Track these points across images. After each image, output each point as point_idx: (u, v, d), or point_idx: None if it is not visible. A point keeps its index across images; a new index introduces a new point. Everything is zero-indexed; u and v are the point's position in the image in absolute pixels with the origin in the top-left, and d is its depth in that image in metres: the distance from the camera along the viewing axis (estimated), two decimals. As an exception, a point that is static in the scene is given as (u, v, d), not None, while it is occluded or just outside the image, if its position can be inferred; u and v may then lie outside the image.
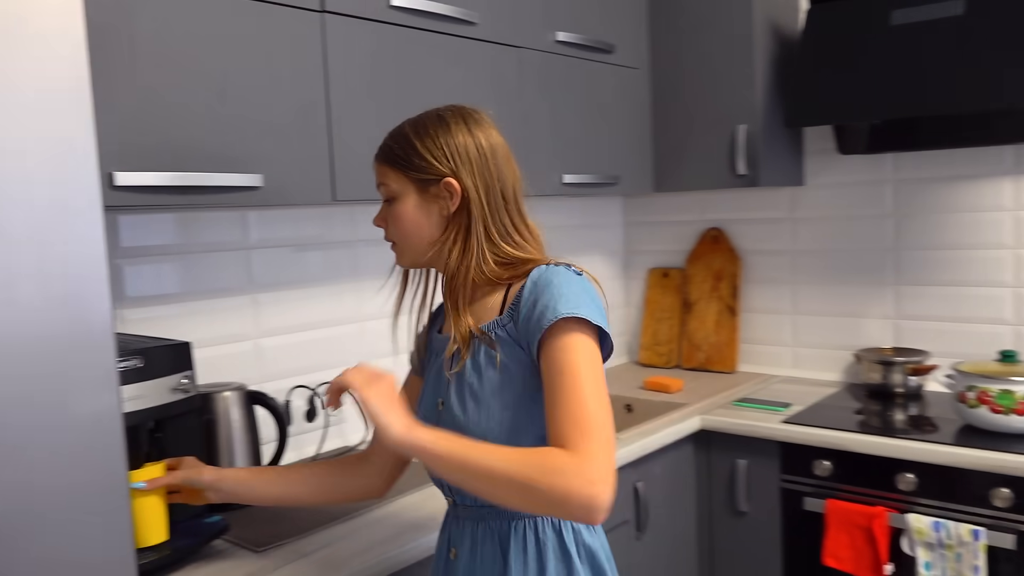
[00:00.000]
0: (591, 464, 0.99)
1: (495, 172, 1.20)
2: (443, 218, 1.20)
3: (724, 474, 2.18)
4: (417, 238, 1.22)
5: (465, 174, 1.18)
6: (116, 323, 1.61)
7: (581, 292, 1.12)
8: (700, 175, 2.46)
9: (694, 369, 2.73)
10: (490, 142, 1.22)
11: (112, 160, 1.31)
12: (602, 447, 1.01)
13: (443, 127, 1.20)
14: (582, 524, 1.19)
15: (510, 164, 1.24)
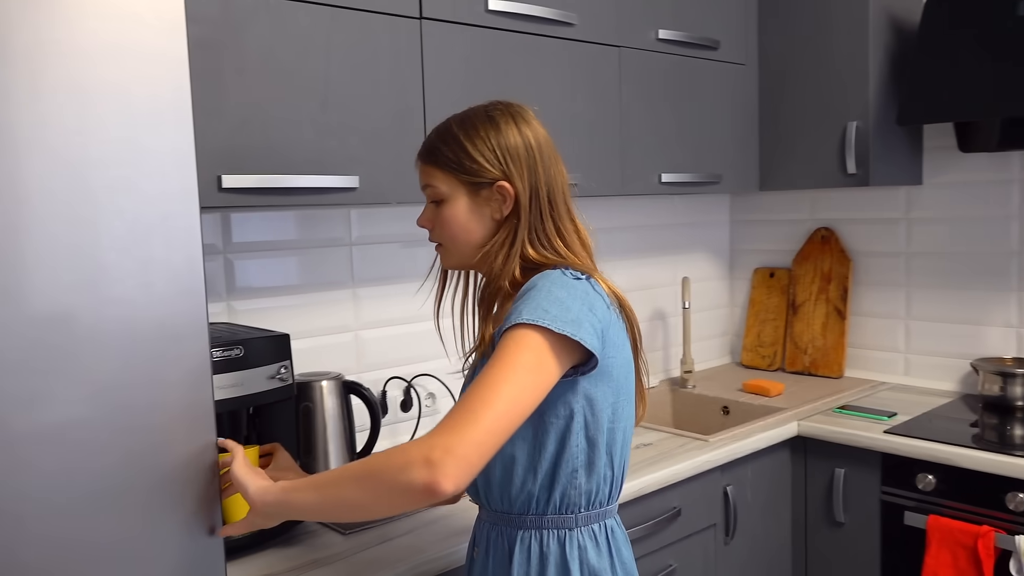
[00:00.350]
0: (442, 436, 0.96)
1: (543, 173, 1.18)
2: (495, 221, 1.18)
3: (821, 483, 2.12)
4: (466, 242, 1.20)
5: (517, 176, 1.16)
6: (224, 313, 1.74)
7: (564, 298, 1.07)
8: (808, 173, 2.38)
9: (798, 373, 2.66)
10: (538, 141, 1.19)
11: (220, 164, 1.41)
12: (473, 428, 0.96)
13: (493, 126, 1.17)
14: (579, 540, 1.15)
15: (557, 163, 1.21)
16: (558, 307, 1.05)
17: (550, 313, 1.04)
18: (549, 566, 1.14)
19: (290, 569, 1.35)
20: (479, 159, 1.16)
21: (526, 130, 1.18)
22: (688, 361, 2.54)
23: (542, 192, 1.18)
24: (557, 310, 1.05)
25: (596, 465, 1.15)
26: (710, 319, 2.87)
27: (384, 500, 1.00)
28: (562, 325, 1.04)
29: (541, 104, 1.87)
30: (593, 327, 1.07)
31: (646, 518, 1.77)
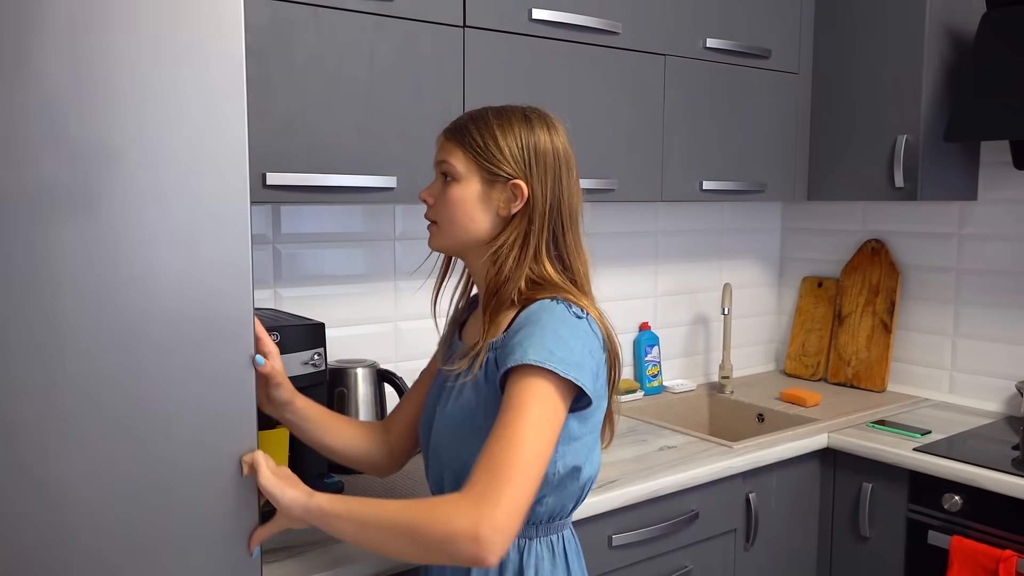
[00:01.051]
0: (486, 507, 0.98)
1: (566, 185, 1.19)
2: (499, 217, 1.18)
3: (849, 496, 2.12)
4: (463, 227, 1.19)
5: (537, 181, 1.16)
6: (271, 300, 1.85)
7: (568, 338, 1.09)
8: (856, 185, 2.37)
9: (840, 384, 2.65)
10: (567, 154, 1.21)
11: (265, 162, 1.52)
12: (510, 494, 0.99)
13: (527, 127, 1.18)
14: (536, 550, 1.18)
15: (577, 181, 1.23)
16: (563, 349, 1.07)
17: (555, 355, 1.06)
18: (507, 573, 1.17)
19: (312, 543, 1.45)
20: (505, 151, 1.16)
21: (557, 140, 1.20)
22: (727, 367, 2.56)
23: (564, 205, 1.19)
24: (562, 352, 1.07)
25: (567, 489, 1.18)
26: (756, 325, 2.87)
27: (427, 558, 1.07)
28: (566, 368, 1.06)
29: (582, 109, 1.94)
30: (591, 370, 1.10)
31: (662, 519, 1.81)
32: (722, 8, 2.18)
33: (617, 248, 2.49)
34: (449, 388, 1.23)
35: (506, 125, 1.18)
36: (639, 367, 2.53)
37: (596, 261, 2.38)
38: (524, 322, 1.13)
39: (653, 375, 2.53)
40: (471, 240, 1.21)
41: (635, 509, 1.76)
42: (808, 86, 2.44)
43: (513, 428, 1.03)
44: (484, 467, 1.02)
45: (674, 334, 2.66)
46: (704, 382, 2.73)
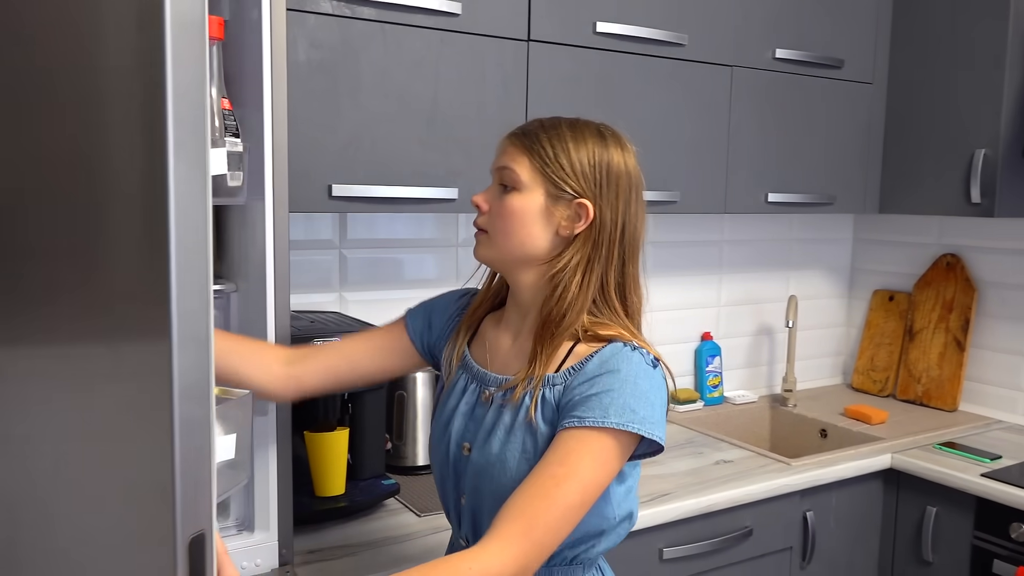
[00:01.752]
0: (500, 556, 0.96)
1: (635, 211, 1.11)
2: (558, 237, 1.09)
3: (912, 519, 2.07)
4: (519, 242, 1.10)
5: (607, 203, 1.08)
6: (336, 303, 1.92)
7: (648, 392, 1.04)
8: (931, 199, 2.30)
9: (909, 401, 2.58)
10: (638, 178, 1.12)
11: (331, 174, 1.58)
12: (536, 552, 0.98)
13: (602, 143, 1.10)
14: None
15: (643, 207, 1.15)
16: (645, 407, 1.03)
17: (638, 415, 1.02)
18: None
19: (365, 543, 1.50)
20: (576, 166, 1.08)
21: (630, 161, 1.12)
22: (790, 379, 2.53)
23: (630, 232, 1.11)
24: (645, 410, 1.03)
25: (614, 532, 1.15)
26: (823, 338, 2.82)
27: None
28: (651, 429, 1.03)
29: (645, 121, 1.94)
30: (664, 421, 1.06)
31: (715, 534, 1.81)
32: (793, 18, 2.15)
33: (680, 257, 2.48)
34: (489, 423, 1.13)
35: (579, 138, 1.09)
36: (700, 377, 2.51)
37: (658, 269, 2.40)
38: (599, 370, 1.05)
39: (714, 385, 2.51)
40: (524, 257, 1.10)
41: (687, 523, 1.77)
42: (883, 97, 2.38)
43: (562, 486, 0.99)
44: (519, 517, 0.98)
45: (737, 345, 2.63)
46: (767, 394, 2.69)
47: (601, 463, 1.01)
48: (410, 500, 1.69)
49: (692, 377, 2.54)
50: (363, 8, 1.57)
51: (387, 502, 1.68)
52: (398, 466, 1.84)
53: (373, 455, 1.69)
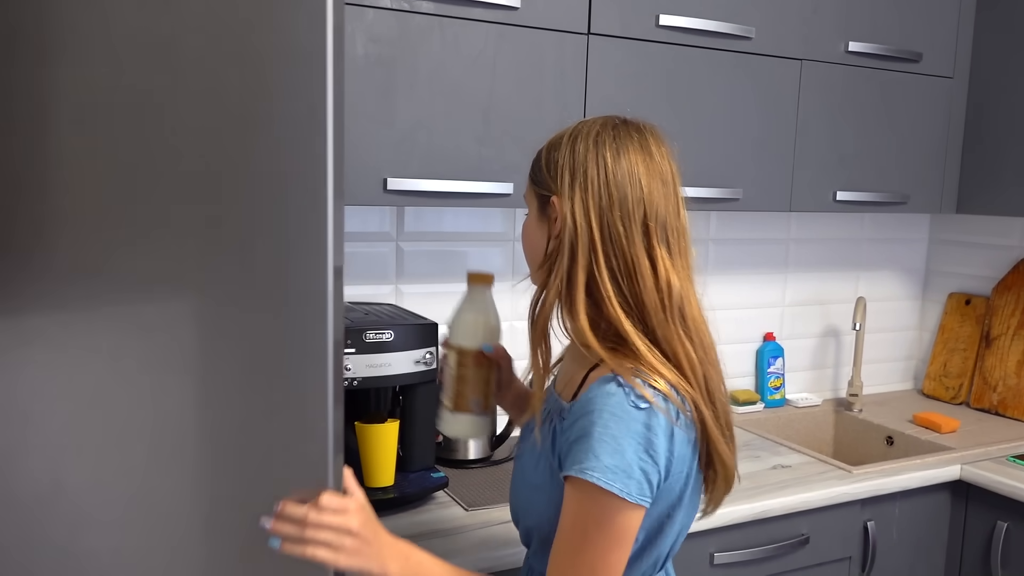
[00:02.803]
0: None
1: (617, 201, 1.00)
2: (550, 242, 1.05)
3: (981, 534, 1.98)
4: (530, 255, 1.12)
5: (576, 198, 1.01)
6: (392, 296, 1.93)
7: (619, 436, 0.95)
8: (1012, 199, 2.20)
9: (983, 410, 2.47)
10: (622, 164, 1.01)
11: (387, 167, 1.59)
12: None
13: (571, 141, 1.04)
14: None
15: (650, 193, 1.01)
16: (610, 453, 0.95)
17: (601, 462, 0.95)
18: None
19: (413, 536, 1.51)
20: (544, 169, 1.06)
21: (610, 148, 1.02)
22: (856, 383, 2.45)
23: (616, 224, 1.00)
24: (610, 458, 0.95)
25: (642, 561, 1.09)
26: (894, 341, 2.72)
27: None
28: (611, 479, 0.95)
29: (707, 116, 1.90)
30: (640, 472, 0.96)
31: (769, 540, 1.76)
32: (868, 8, 2.07)
33: (744, 254, 2.42)
34: (528, 431, 1.16)
35: (554, 143, 1.07)
36: (761, 378, 2.45)
37: (720, 267, 2.35)
38: (583, 407, 1.00)
39: (775, 387, 2.45)
40: (535, 268, 1.11)
41: (740, 528, 1.73)
42: (963, 91, 2.27)
43: (581, 554, 0.98)
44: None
45: (801, 346, 2.56)
46: (831, 398, 2.61)
47: (604, 523, 0.97)
48: (459, 494, 1.69)
49: (753, 378, 2.48)
50: (422, 2, 1.57)
51: (436, 495, 1.69)
52: (448, 459, 1.85)
53: (423, 447, 1.71)
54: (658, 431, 0.97)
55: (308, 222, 1.21)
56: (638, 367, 0.99)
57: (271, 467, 1.08)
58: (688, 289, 1.05)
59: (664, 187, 1.04)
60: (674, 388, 1.00)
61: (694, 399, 1.02)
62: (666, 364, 1.01)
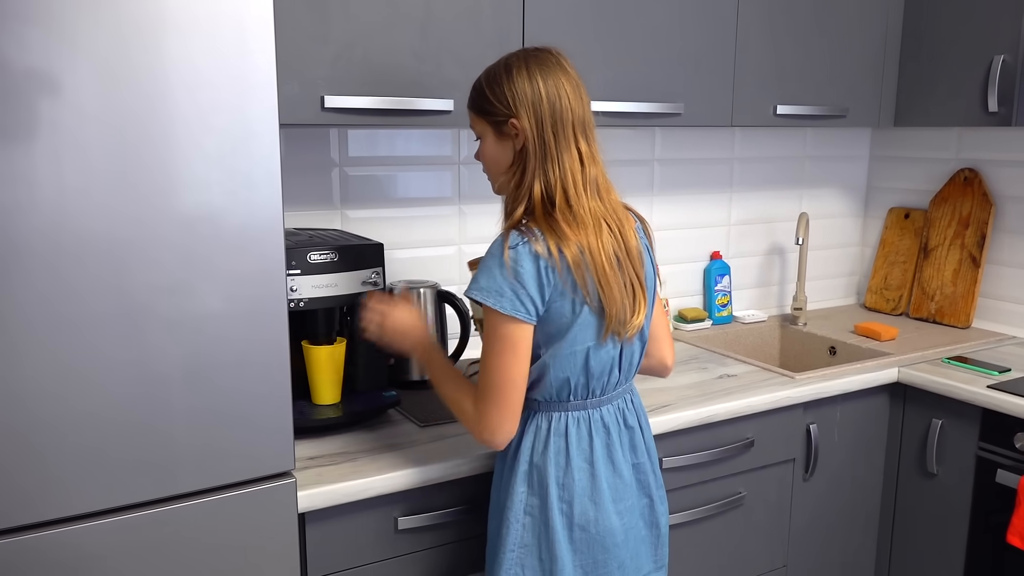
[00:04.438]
0: (481, 420, 1.32)
1: (548, 110, 1.30)
2: (514, 153, 1.34)
3: (917, 432, 2.07)
4: (496, 172, 1.39)
5: (523, 114, 1.30)
6: (338, 221, 1.92)
7: (492, 267, 1.28)
8: (947, 110, 2.24)
9: (921, 319, 2.55)
10: (547, 83, 1.31)
11: (324, 86, 1.56)
12: (491, 406, 1.30)
13: (507, 73, 1.33)
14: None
15: (569, 100, 1.31)
16: (486, 277, 1.28)
17: (478, 284, 1.29)
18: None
19: (364, 450, 1.53)
20: (494, 101, 1.34)
21: (536, 74, 1.32)
22: (800, 298, 2.51)
23: (546, 129, 1.30)
24: (485, 280, 1.28)
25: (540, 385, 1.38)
26: (837, 257, 2.78)
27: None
28: (483, 295, 1.28)
29: (645, 28, 1.90)
30: (512, 292, 1.27)
31: (715, 444, 1.82)
32: (805, -80, 2.07)
33: (689, 175, 2.44)
34: None
35: (491, 79, 1.35)
36: (709, 296, 2.50)
37: (666, 188, 2.37)
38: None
39: (722, 305, 2.50)
40: (502, 177, 1.38)
41: (688, 433, 1.78)
42: (900, 2, 2.30)
43: (483, 359, 1.32)
44: (478, 391, 1.33)
45: (747, 264, 2.61)
46: (778, 314, 2.68)
47: (490, 330, 1.30)
48: (412, 412, 1.71)
49: (701, 297, 2.53)
50: (351, -88, 1.53)
51: (389, 413, 1.71)
52: (401, 380, 1.86)
53: (374, 368, 1.72)
54: (523, 264, 1.27)
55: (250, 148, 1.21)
56: (521, 230, 1.29)
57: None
58: (599, 162, 1.36)
59: (578, 95, 1.34)
60: (547, 243, 1.28)
61: (570, 252, 1.28)
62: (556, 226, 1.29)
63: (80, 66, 1.07)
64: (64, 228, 1.10)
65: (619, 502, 1.39)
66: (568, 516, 1.35)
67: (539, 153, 1.30)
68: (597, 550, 1.37)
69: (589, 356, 1.35)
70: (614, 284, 1.32)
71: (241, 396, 1.25)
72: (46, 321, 1.10)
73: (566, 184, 1.30)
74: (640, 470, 1.44)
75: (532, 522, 1.36)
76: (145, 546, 1.22)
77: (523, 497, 1.36)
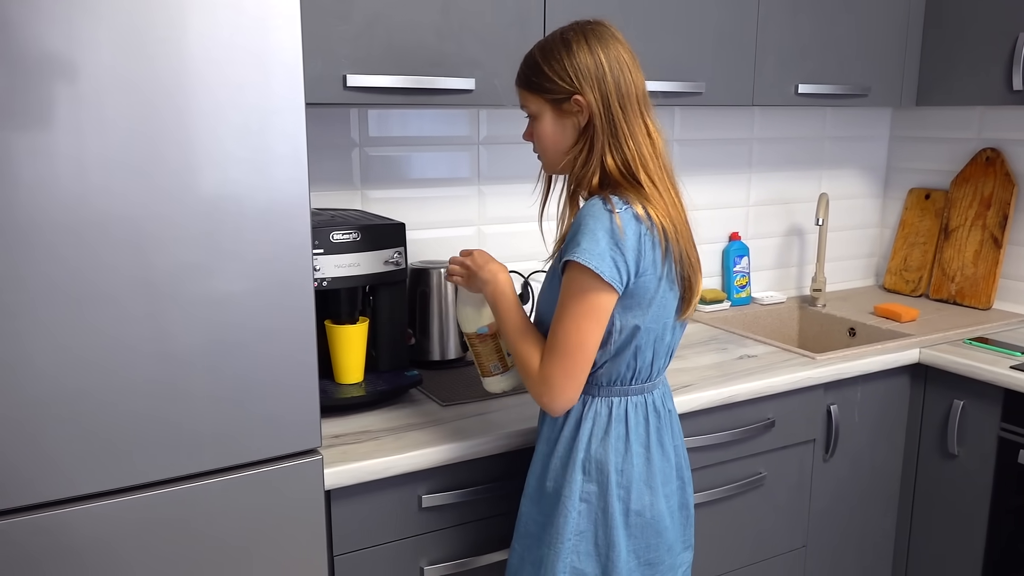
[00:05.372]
0: (546, 382, 1.28)
1: (613, 85, 1.28)
2: (577, 130, 1.31)
3: (938, 413, 2.06)
4: (555, 151, 1.35)
5: (588, 89, 1.27)
6: (358, 201, 1.92)
7: (596, 230, 1.23)
8: (970, 89, 2.22)
9: (941, 300, 2.54)
10: (609, 56, 1.28)
11: (346, 64, 1.56)
12: (558, 369, 1.27)
13: (566, 48, 1.29)
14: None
15: (631, 73, 1.29)
16: (589, 241, 1.23)
17: (581, 247, 1.23)
18: (569, 418, 1.38)
19: (388, 429, 1.54)
20: (554, 78, 1.30)
21: (597, 47, 1.28)
22: (819, 280, 2.50)
23: (613, 103, 1.28)
24: (588, 243, 1.23)
25: (621, 357, 1.34)
26: (856, 239, 2.77)
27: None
28: (588, 258, 1.23)
29: (668, 7, 1.88)
30: (612, 257, 1.23)
31: (736, 424, 1.82)
32: None
33: (708, 155, 2.43)
34: (547, 273, 1.41)
35: (548, 54, 1.31)
36: (727, 277, 2.49)
37: (685, 168, 2.35)
38: (575, 223, 1.28)
39: (741, 286, 2.49)
40: (563, 156, 1.35)
41: (708, 414, 1.78)
42: (923, -20, 2.27)
43: (560, 321, 1.28)
44: (545, 351, 1.30)
45: (766, 245, 2.60)
46: (796, 295, 2.67)
47: (577, 292, 1.25)
48: (433, 391, 1.72)
49: (719, 278, 2.52)
50: None
51: (411, 392, 1.71)
52: (422, 360, 1.87)
53: (396, 348, 1.72)
54: (627, 230, 1.23)
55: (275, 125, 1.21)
56: (618, 194, 1.26)
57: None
58: (663, 137, 1.34)
59: (637, 67, 1.32)
60: (645, 209, 1.26)
61: (662, 222, 1.27)
62: (645, 196, 1.27)
63: (103, 41, 1.07)
64: (88, 205, 1.10)
65: (666, 485, 1.38)
66: (625, 502, 1.34)
67: (608, 129, 1.27)
68: (650, 534, 1.36)
69: (660, 336, 1.34)
70: (695, 260, 1.33)
71: (269, 373, 1.26)
72: (69, 298, 1.11)
73: (643, 157, 1.28)
74: (677, 452, 1.44)
75: (588, 509, 1.34)
76: (175, 522, 1.23)
77: (580, 484, 1.33)
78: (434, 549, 1.52)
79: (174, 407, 1.19)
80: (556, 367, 1.27)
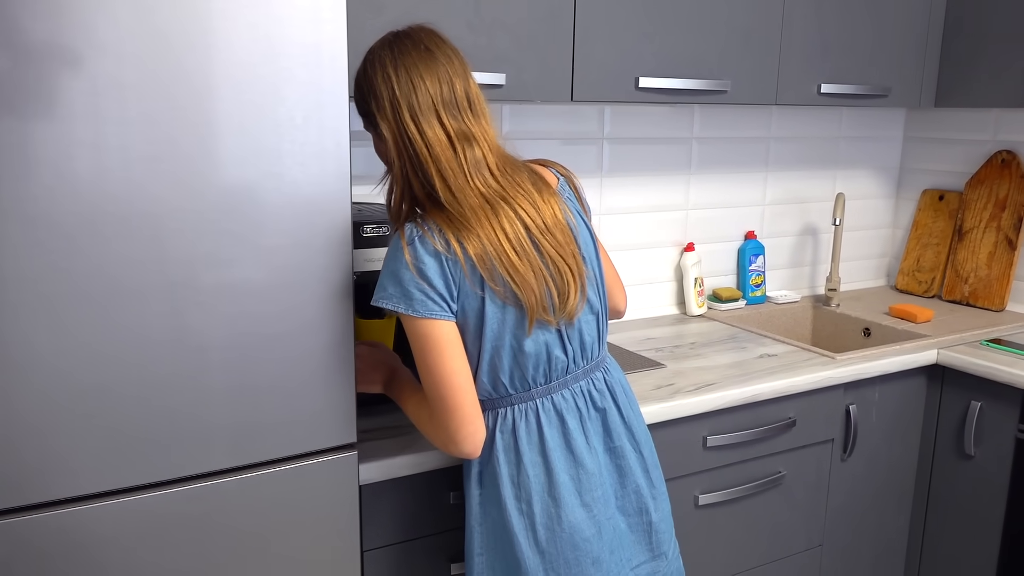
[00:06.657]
0: (439, 433, 1.26)
1: (405, 102, 1.19)
2: (392, 150, 1.23)
3: (955, 414, 2.07)
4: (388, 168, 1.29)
5: (383, 112, 1.20)
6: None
7: (396, 269, 1.20)
8: (988, 91, 2.22)
9: (954, 302, 2.55)
10: (400, 73, 1.20)
11: (378, 58, 1.54)
12: (443, 416, 1.23)
13: (363, 73, 1.24)
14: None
15: (429, 85, 1.20)
16: (392, 282, 1.21)
17: (386, 291, 1.22)
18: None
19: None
20: (360, 102, 1.26)
21: (389, 67, 1.20)
22: (834, 279, 2.50)
23: (405, 120, 1.19)
24: (392, 287, 1.21)
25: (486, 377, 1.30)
26: (869, 239, 2.77)
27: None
28: (395, 303, 1.21)
29: (692, 6, 1.87)
30: (422, 291, 1.19)
31: (757, 423, 1.83)
32: None
33: (725, 153, 2.43)
34: None
35: (356, 80, 1.26)
36: (742, 276, 2.50)
37: (702, 166, 2.36)
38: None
39: (756, 285, 2.50)
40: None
41: (731, 413, 1.78)
42: (944, -18, 2.27)
43: (419, 369, 1.25)
44: (427, 404, 1.28)
45: (781, 244, 2.60)
46: (810, 294, 2.67)
47: (415, 340, 1.23)
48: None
49: (735, 276, 2.52)
50: None
51: (436, 388, 1.71)
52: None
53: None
54: (424, 258, 1.19)
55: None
56: (416, 223, 1.21)
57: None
58: (485, 139, 1.24)
59: (450, 68, 1.23)
60: (446, 239, 1.19)
61: (472, 250, 1.19)
62: (452, 216, 1.20)
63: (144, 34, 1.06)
64: (138, 196, 1.09)
65: (585, 493, 1.28)
66: (529, 516, 1.26)
67: (405, 145, 1.20)
68: (566, 548, 1.26)
69: (516, 348, 1.26)
70: (525, 273, 1.21)
71: (307, 367, 1.25)
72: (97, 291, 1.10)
73: (442, 171, 1.18)
74: (618, 454, 1.33)
75: (491, 524, 1.30)
76: (213, 516, 1.22)
77: (478, 499, 1.31)
78: (464, 545, 1.52)
79: (207, 402, 1.19)
80: (440, 414, 1.23)
